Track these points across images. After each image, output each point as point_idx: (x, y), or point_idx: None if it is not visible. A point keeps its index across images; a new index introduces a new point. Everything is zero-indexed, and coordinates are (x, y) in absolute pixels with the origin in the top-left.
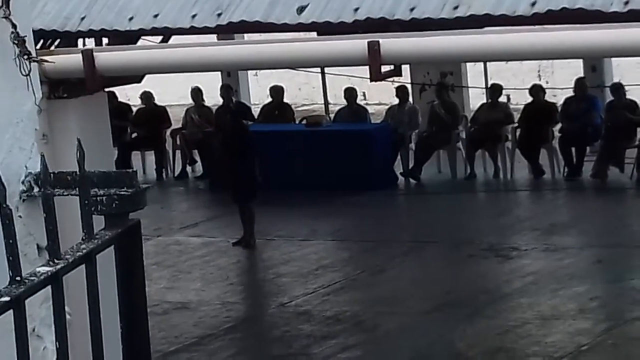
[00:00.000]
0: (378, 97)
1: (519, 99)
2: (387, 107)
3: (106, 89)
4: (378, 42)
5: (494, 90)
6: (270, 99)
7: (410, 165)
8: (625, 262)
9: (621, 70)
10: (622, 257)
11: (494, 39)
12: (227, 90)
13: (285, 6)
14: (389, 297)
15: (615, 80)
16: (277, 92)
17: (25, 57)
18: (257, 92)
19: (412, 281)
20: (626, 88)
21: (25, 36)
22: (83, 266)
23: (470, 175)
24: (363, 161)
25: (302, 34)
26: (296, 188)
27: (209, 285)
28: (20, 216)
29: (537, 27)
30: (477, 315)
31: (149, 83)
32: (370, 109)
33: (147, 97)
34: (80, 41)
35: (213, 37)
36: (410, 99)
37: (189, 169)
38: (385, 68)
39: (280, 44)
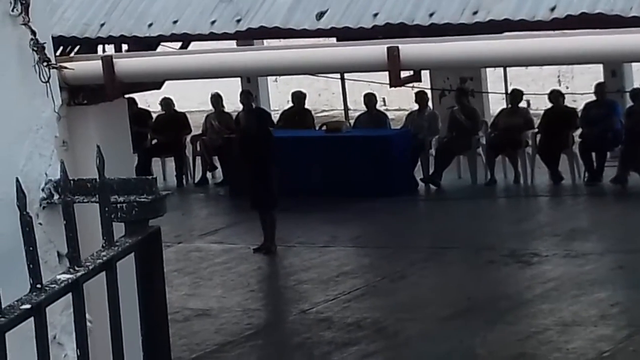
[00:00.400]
0: (398, 103)
1: (539, 104)
2: (406, 112)
3: (126, 96)
4: (397, 47)
5: (514, 96)
6: (291, 105)
7: (431, 171)
8: None
9: None
10: None
11: (513, 44)
12: (247, 96)
13: (304, 12)
14: (410, 304)
15: (636, 85)
16: (298, 98)
17: (45, 63)
18: (276, 98)
19: (432, 287)
20: None
21: (45, 43)
22: (103, 273)
23: (491, 181)
24: (383, 167)
25: (321, 40)
26: (316, 194)
27: (230, 292)
28: (40, 223)
29: (556, 32)
30: (497, 321)
31: (169, 89)
32: (390, 115)
33: (167, 103)
34: (99, 47)
35: (232, 43)
36: (430, 105)
37: (209, 175)
38: (404, 73)
39: (299, 49)
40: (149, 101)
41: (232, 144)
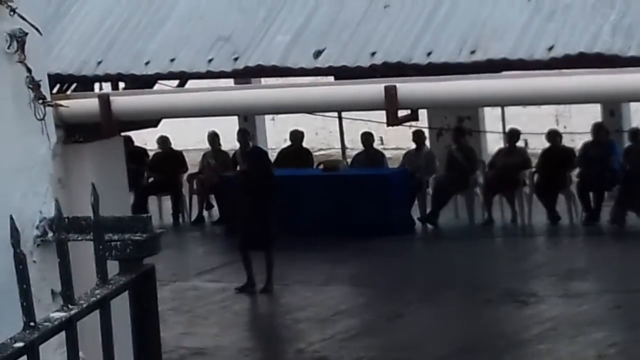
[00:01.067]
0: (395, 142)
1: (537, 144)
2: (404, 151)
3: (122, 134)
4: (395, 86)
5: (512, 135)
6: (289, 143)
7: (428, 210)
8: None
9: None
10: None
11: (511, 84)
12: (244, 134)
13: (301, 50)
14: (407, 343)
15: (634, 124)
16: (296, 137)
17: (40, 101)
18: (274, 136)
19: (429, 327)
20: None
21: (41, 80)
22: (97, 312)
23: (488, 221)
24: (380, 206)
25: (319, 78)
26: (313, 233)
27: (226, 331)
28: (34, 261)
29: (554, 71)
30: None
31: (166, 127)
32: (387, 154)
33: (163, 141)
34: (96, 85)
35: (230, 82)
36: (428, 144)
37: (205, 213)
38: (402, 112)
39: (297, 88)
40: (145, 139)
41: (230, 183)
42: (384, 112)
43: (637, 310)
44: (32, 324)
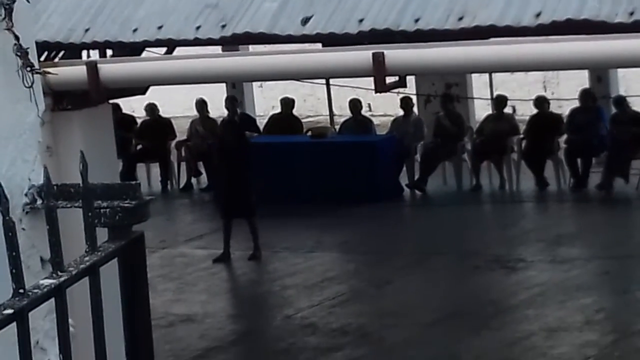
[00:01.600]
0: (383, 109)
1: (525, 110)
2: (392, 118)
3: (110, 101)
4: (383, 53)
5: (499, 102)
6: (278, 110)
7: (416, 177)
8: (632, 274)
9: (627, 81)
10: (629, 269)
11: (498, 50)
12: (232, 101)
13: (289, 17)
14: (395, 310)
15: (622, 90)
16: (287, 104)
17: (28, 69)
18: (262, 103)
19: (417, 293)
20: (632, 99)
21: (28, 48)
22: (86, 278)
23: (476, 187)
24: (368, 173)
25: (306, 45)
26: (301, 200)
27: (215, 298)
28: (23, 228)
29: (541, 38)
30: (483, 327)
31: (154, 95)
32: (375, 121)
33: (151, 108)
34: (84, 53)
35: (217, 49)
36: (416, 110)
37: (194, 180)
38: (390, 79)
39: (284, 55)
40: (133, 107)
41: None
42: (371, 78)
43: (624, 275)
44: (21, 291)
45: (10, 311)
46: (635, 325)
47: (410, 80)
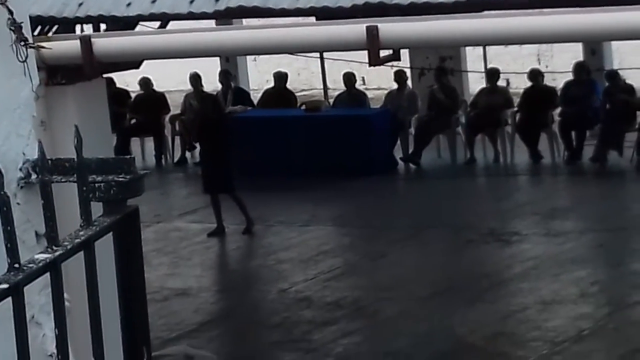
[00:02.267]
0: (377, 82)
1: (519, 83)
2: (386, 91)
3: (104, 75)
4: (376, 26)
5: (492, 75)
6: (272, 84)
7: (410, 150)
8: (626, 246)
9: (621, 54)
10: (623, 241)
11: (492, 23)
12: (226, 75)
13: None
14: (389, 283)
15: (615, 63)
16: (280, 77)
17: (22, 43)
18: (256, 77)
19: (412, 266)
20: (626, 72)
21: (22, 22)
22: (81, 253)
23: (470, 160)
24: (362, 146)
25: (300, 19)
26: (295, 173)
27: (209, 272)
28: (18, 203)
29: (535, 10)
30: (477, 300)
31: (148, 69)
32: (369, 94)
33: (145, 83)
34: (78, 27)
35: (211, 23)
36: (410, 84)
37: (188, 154)
38: (384, 52)
39: (278, 29)
40: (127, 81)
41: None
42: (365, 52)
43: (619, 248)
44: (16, 265)
45: (5, 286)
46: (630, 297)
47: (404, 53)
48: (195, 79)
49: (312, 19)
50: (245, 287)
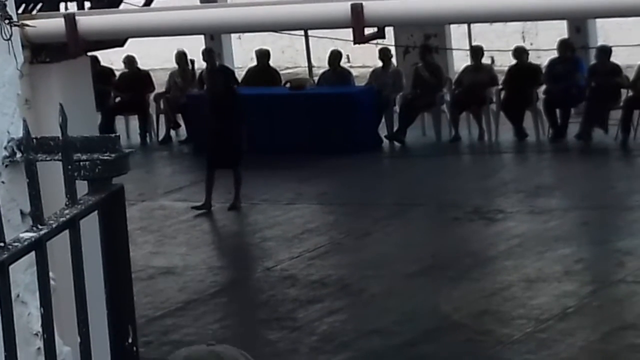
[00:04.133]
0: (362, 60)
1: (504, 61)
2: (371, 69)
3: (89, 54)
4: (361, 4)
5: (475, 52)
6: (255, 63)
7: (395, 128)
8: (610, 224)
9: (605, 32)
10: (608, 219)
11: (477, 1)
12: (210, 54)
13: None
14: (374, 261)
15: (600, 41)
16: (262, 55)
17: (6, 21)
18: (240, 55)
19: (397, 244)
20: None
21: (6, 0)
22: (67, 232)
23: (455, 138)
24: (347, 124)
25: None
26: (280, 151)
27: (194, 250)
28: (3, 182)
29: None
30: (462, 278)
31: (132, 47)
32: (354, 72)
33: (130, 61)
34: (62, 5)
35: (196, 1)
36: (394, 62)
37: (173, 133)
38: (368, 30)
39: (263, 6)
40: (112, 59)
41: (197, 102)
42: (350, 30)
43: (603, 226)
44: (1, 244)
45: None
46: (614, 275)
47: (389, 31)
48: (181, 57)
49: None
50: (230, 265)
